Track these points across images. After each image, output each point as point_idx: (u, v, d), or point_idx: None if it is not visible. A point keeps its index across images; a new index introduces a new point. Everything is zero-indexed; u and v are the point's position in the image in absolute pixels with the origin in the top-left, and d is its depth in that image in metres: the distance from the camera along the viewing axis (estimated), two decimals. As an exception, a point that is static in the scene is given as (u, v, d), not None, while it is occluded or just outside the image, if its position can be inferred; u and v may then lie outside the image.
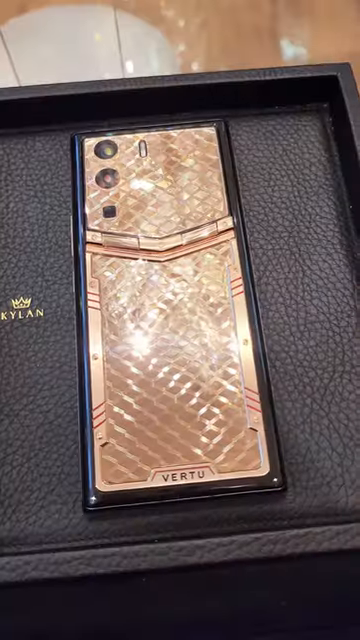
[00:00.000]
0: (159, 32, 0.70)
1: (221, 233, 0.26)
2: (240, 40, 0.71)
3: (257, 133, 0.30)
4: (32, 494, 0.24)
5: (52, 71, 0.60)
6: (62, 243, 0.28)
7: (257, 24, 0.72)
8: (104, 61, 0.64)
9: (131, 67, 0.60)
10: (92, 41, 0.66)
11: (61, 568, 0.21)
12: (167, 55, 0.68)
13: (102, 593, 0.22)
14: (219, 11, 0.72)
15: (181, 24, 0.75)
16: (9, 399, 0.25)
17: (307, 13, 0.74)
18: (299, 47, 0.72)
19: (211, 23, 0.71)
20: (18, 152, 0.30)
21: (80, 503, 0.24)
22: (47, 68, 0.60)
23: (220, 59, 0.71)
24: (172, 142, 0.28)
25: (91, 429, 0.24)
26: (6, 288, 0.27)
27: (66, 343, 0.26)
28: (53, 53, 0.63)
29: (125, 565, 0.21)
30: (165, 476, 0.23)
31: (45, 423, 0.25)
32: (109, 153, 0.28)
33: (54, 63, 0.62)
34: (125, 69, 0.61)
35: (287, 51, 0.71)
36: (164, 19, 0.74)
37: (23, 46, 0.57)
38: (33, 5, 0.71)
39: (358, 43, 0.74)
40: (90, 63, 0.64)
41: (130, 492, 0.23)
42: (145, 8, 0.73)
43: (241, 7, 0.72)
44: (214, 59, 0.70)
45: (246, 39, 0.71)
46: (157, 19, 0.73)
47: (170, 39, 0.72)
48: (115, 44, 0.63)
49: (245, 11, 0.72)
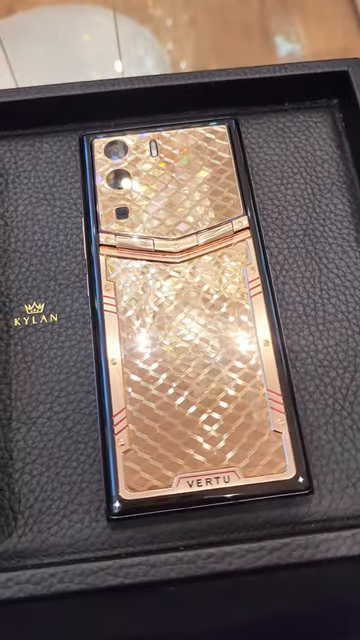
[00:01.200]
0: (148, 31, 0.70)
1: (237, 233, 0.26)
2: (229, 38, 0.71)
3: (268, 130, 0.30)
4: (53, 504, 0.23)
5: (42, 71, 0.60)
6: (74, 246, 0.27)
7: (246, 21, 0.72)
8: (93, 61, 0.64)
9: (120, 66, 0.59)
10: (81, 41, 0.66)
11: (88, 579, 0.21)
12: (156, 54, 0.67)
13: (129, 604, 0.21)
14: (208, 9, 0.71)
15: (169, 23, 0.74)
16: (25, 407, 0.25)
17: (296, 10, 0.74)
18: (290, 44, 0.71)
19: (200, 21, 0.70)
20: (25, 154, 0.29)
21: (103, 512, 0.23)
22: (37, 68, 0.60)
23: (210, 57, 0.71)
24: (183, 141, 0.28)
25: (112, 436, 0.23)
26: (18, 293, 0.26)
27: (82, 348, 0.26)
28: (43, 53, 0.62)
29: (153, 574, 0.21)
30: (190, 482, 0.22)
31: (64, 430, 0.24)
32: (119, 153, 0.28)
33: (44, 63, 0.61)
34: (114, 68, 0.60)
35: (278, 48, 0.70)
36: (152, 18, 0.74)
37: (12, 47, 0.57)
38: (21, 6, 0.70)
39: (348, 39, 0.74)
40: (79, 63, 0.63)
41: (155, 499, 0.22)
42: (133, 7, 0.72)
43: (230, 4, 0.71)
44: (203, 57, 0.70)
45: (235, 37, 0.71)
46: (145, 18, 0.73)
47: (158, 38, 0.72)
48: (103, 44, 0.63)
49: (234, 8, 0.72)
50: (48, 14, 0.69)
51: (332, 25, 0.74)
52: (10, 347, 0.25)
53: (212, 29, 0.72)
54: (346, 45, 0.75)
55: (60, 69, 0.61)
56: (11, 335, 0.26)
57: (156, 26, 0.75)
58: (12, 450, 0.24)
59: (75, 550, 0.23)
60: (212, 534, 0.23)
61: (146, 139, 0.28)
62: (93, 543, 0.23)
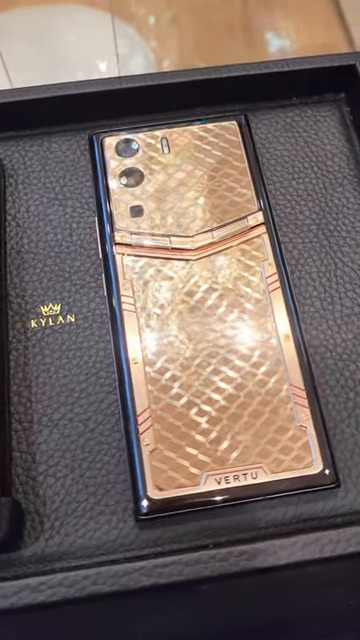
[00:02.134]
0: (132, 29, 0.69)
1: (252, 228, 0.26)
2: (212, 36, 0.70)
3: (276, 126, 0.30)
4: (79, 506, 0.23)
5: (26, 72, 0.59)
6: (87, 246, 0.27)
7: (229, 20, 0.72)
8: (78, 60, 0.63)
9: (105, 66, 0.59)
10: (65, 41, 0.65)
11: (121, 581, 0.20)
12: (142, 52, 0.67)
13: (161, 604, 0.21)
14: (190, 7, 0.71)
15: (152, 21, 0.74)
16: (46, 409, 0.24)
17: (279, 7, 0.74)
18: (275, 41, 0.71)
19: (182, 20, 0.70)
20: (34, 154, 0.29)
21: (130, 512, 0.23)
22: (21, 69, 0.59)
23: (193, 55, 0.70)
24: (194, 138, 0.28)
25: (137, 435, 0.23)
26: (34, 294, 0.26)
27: (100, 348, 0.25)
28: (26, 54, 0.62)
29: (187, 573, 0.20)
30: (218, 479, 0.22)
31: (86, 432, 0.24)
32: (130, 151, 0.27)
33: (27, 64, 0.61)
34: (100, 68, 0.60)
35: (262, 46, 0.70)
36: (134, 16, 0.73)
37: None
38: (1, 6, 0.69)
39: (331, 35, 0.74)
40: (64, 63, 0.63)
41: (183, 498, 0.22)
42: (115, 6, 0.72)
43: (212, 3, 0.71)
44: (187, 56, 0.70)
45: (218, 35, 0.71)
46: (128, 17, 0.72)
47: (142, 36, 0.71)
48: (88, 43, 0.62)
49: (216, 7, 0.72)
50: (29, 14, 0.68)
51: (314, 22, 0.74)
52: (28, 349, 0.25)
53: (195, 27, 0.72)
54: (329, 41, 0.75)
55: (44, 70, 0.60)
56: (28, 337, 0.25)
57: (138, 25, 0.75)
58: (35, 453, 0.24)
59: (103, 552, 0.23)
60: (240, 531, 0.23)
61: (157, 137, 0.28)
62: (121, 544, 0.23)
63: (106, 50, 0.63)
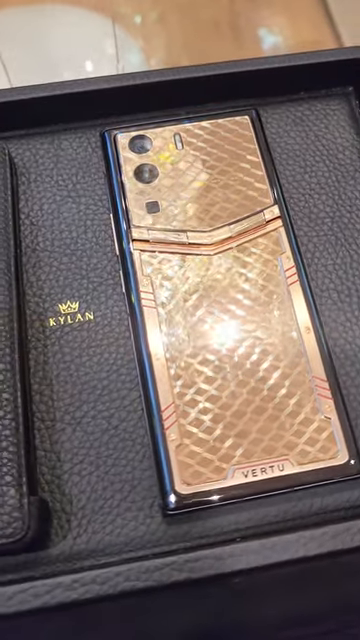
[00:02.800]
0: (121, 28, 0.69)
1: (269, 222, 0.26)
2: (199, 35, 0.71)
3: (287, 120, 0.30)
4: (105, 503, 0.23)
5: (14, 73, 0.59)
6: (103, 243, 0.27)
7: (216, 18, 0.72)
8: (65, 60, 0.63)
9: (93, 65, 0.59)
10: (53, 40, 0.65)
11: (154, 576, 0.20)
12: (131, 51, 0.67)
13: (195, 598, 0.21)
14: (177, 6, 0.71)
15: (138, 20, 0.74)
16: (68, 407, 0.24)
17: (265, 5, 0.75)
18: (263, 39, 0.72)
19: (169, 18, 0.70)
20: (45, 152, 0.29)
21: (157, 508, 0.23)
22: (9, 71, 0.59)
23: (181, 54, 0.70)
24: (207, 133, 0.28)
25: (162, 431, 0.23)
26: (51, 293, 0.26)
27: (120, 345, 0.25)
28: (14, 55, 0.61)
29: (219, 567, 0.20)
30: (245, 472, 0.22)
31: (109, 429, 0.24)
32: (144, 148, 0.27)
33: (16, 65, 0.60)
34: (87, 68, 0.60)
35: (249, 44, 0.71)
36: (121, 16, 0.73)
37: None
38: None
39: (318, 31, 0.75)
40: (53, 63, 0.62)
41: (211, 492, 0.22)
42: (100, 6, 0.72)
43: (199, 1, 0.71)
44: (175, 55, 0.70)
45: (205, 33, 0.71)
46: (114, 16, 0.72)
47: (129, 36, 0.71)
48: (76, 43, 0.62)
49: (203, 5, 0.72)
50: (16, 15, 0.68)
51: (301, 19, 0.75)
52: (47, 348, 0.25)
53: (182, 26, 0.72)
54: (317, 37, 0.76)
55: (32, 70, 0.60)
56: (47, 336, 0.25)
57: (125, 24, 0.75)
58: (59, 452, 0.24)
59: (132, 548, 0.22)
60: (267, 524, 0.23)
61: (170, 132, 0.28)
62: (149, 540, 0.23)
63: (95, 49, 0.63)
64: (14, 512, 0.21)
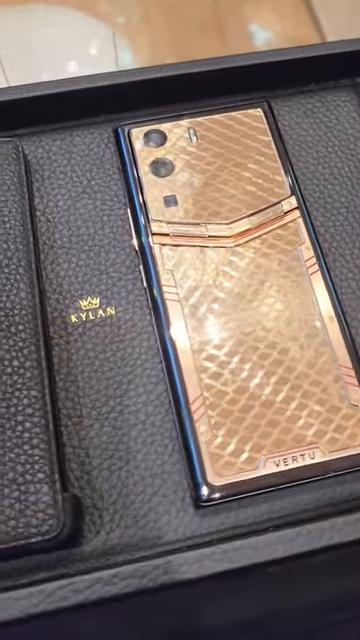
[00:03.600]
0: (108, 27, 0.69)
1: (287, 213, 0.26)
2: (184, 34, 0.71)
3: (298, 112, 0.30)
4: (137, 497, 0.23)
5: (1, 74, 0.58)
6: (120, 238, 0.27)
7: (201, 17, 0.73)
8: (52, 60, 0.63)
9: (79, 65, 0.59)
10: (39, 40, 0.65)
11: (193, 568, 0.20)
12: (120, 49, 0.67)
13: (233, 588, 0.21)
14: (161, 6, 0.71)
15: (122, 20, 0.74)
16: (95, 402, 0.24)
17: (250, 3, 0.75)
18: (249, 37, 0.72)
19: (154, 18, 0.70)
20: (58, 149, 0.28)
21: (189, 500, 0.23)
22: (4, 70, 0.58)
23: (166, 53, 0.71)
24: (221, 126, 0.28)
25: (192, 424, 0.23)
26: (71, 289, 0.26)
27: (144, 340, 0.25)
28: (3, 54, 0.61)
29: (257, 557, 0.21)
30: (277, 462, 0.22)
31: (137, 423, 0.24)
32: (158, 142, 0.27)
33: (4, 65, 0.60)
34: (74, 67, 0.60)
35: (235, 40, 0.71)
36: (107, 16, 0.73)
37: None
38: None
39: (303, 28, 0.75)
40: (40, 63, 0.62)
41: (243, 482, 0.22)
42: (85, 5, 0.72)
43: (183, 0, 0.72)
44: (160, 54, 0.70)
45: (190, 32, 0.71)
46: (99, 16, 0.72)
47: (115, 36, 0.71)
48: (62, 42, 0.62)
49: (187, 4, 0.72)
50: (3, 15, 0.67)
51: (286, 16, 0.75)
52: (70, 344, 0.25)
53: (167, 26, 0.72)
54: (301, 34, 0.76)
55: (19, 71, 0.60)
56: (69, 332, 0.25)
57: (111, 25, 0.74)
58: (88, 448, 0.23)
59: (165, 542, 0.22)
60: (299, 512, 0.23)
61: (183, 126, 0.28)
62: (183, 533, 0.22)
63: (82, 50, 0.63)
64: (48, 509, 0.21)
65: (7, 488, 0.21)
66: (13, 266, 0.24)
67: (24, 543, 0.20)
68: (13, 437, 0.22)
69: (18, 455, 0.21)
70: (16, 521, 0.21)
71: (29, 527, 0.21)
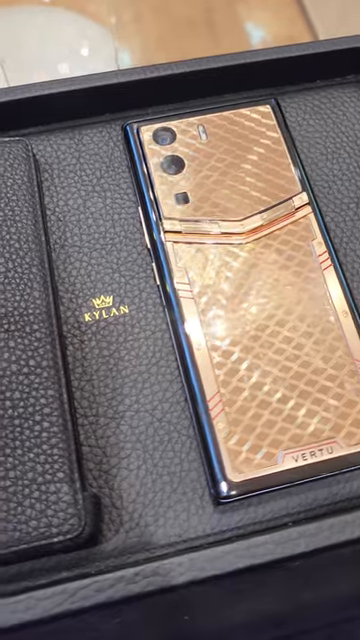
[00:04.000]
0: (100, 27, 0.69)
1: (298, 209, 0.26)
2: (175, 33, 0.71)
3: (305, 108, 0.30)
4: (155, 496, 0.23)
5: None
6: (132, 236, 0.27)
7: (191, 16, 0.73)
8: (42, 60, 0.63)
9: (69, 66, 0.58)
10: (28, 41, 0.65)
11: (216, 565, 0.20)
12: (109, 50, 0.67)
13: (255, 584, 0.21)
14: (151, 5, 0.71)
15: (112, 20, 0.74)
16: (111, 401, 0.24)
17: (241, 2, 0.75)
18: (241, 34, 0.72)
19: (145, 18, 0.70)
20: (67, 148, 0.28)
21: (207, 498, 0.23)
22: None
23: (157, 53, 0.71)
24: (230, 123, 0.28)
25: (210, 421, 0.23)
26: (84, 288, 0.26)
27: (158, 338, 0.25)
28: None
29: (280, 552, 0.21)
30: (295, 457, 0.22)
31: (154, 421, 0.24)
32: (168, 140, 0.27)
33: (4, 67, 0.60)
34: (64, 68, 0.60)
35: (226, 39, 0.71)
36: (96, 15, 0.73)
37: None
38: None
39: (294, 27, 0.76)
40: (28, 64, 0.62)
41: (263, 478, 0.22)
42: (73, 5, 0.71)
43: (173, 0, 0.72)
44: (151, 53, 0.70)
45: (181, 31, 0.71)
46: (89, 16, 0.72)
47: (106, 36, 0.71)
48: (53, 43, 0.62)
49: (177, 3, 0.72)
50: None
51: (277, 15, 0.76)
52: (84, 343, 0.25)
53: (157, 25, 0.72)
54: (292, 33, 0.76)
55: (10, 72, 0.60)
56: (83, 331, 0.25)
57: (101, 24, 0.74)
58: (104, 447, 0.23)
59: (185, 539, 0.22)
60: (318, 507, 0.23)
61: (193, 124, 0.28)
62: (203, 530, 0.22)
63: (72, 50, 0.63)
64: (69, 508, 0.21)
65: (27, 488, 0.21)
66: (26, 265, 0.24)
67: (46, 543, 0.20)
68: (32, 437, 0.22)
69: (37, 455, 0.21)
70: (37, 521, 0.20)
71: (50, 527, 0.20)
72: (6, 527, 0.20)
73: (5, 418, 0.22)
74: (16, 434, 0.22)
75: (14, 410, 0.22)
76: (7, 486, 0.21)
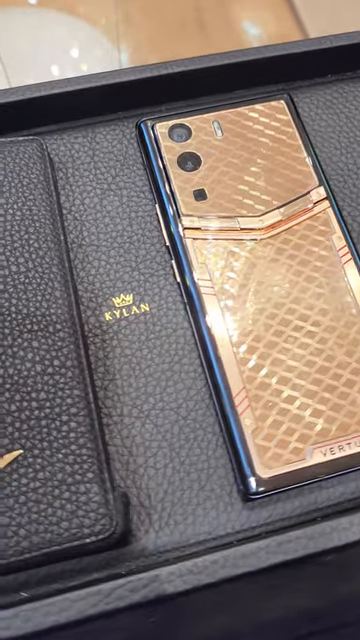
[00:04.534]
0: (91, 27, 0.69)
1: (316, 203, 0.26)
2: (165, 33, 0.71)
3: (317, 103, 0.30)
4: (184, 494, 0.23)
5: None
6: (149, 234, 0.27)
7: (182, 16, 0.73)
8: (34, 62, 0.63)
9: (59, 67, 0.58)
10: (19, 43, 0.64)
11: (250, 561, 0.20)
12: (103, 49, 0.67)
13: (289, 580, 0.21)
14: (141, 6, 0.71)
15: (103, 21, 0.74)
16: (135, 400, 0.24)
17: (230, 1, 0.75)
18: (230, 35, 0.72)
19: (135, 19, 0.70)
20: (80, 146, 0.28)
21: (236, 494, 0.23)
22: None
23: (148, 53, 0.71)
24: (244, 119, 0.28)
25: (236, 417, 0.23)
26: (103, 287, 0.26)
27: (180, 335, 0.25)
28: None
29: (313, 546, 0.20)
30: (324, 451, 0.22)
31: (179, 419, 0.24)
32: (184, 136, 0.27)
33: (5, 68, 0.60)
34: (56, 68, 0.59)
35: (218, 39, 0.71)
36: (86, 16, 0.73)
37: None
38: None
39: (283, 25, 0.76)
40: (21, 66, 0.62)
41: (292, 473, 0.22)
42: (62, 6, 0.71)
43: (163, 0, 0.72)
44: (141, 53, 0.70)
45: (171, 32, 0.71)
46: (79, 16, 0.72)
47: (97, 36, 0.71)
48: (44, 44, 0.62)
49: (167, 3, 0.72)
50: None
51: (267, 14, 0.76)
52: (106, 342, 0.25)
53: (148, 26, 0.72)
54: (283, 31, 0.77)
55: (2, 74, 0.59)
56: (104, 330, 0.25)
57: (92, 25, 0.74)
58: (130, 446, 0.23)
59: (215, 537, 0.22)
60: (345, 501, 0.23)
61: (208, 120, 0.28)
62: (232, 527, 0.22)
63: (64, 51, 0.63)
64: (100, 508, 0.21)
65: (57, 489, 0.21)
66: (46, 265, 0.24)
67: (78, 544, 0.20)
68: (59, 437, 0.21)
69: (66, 455, 0.21)
70: (69, 522, 0.20)
71: (82, 528, 0.20)
72: (37, 529, 0.20)
73: (32, 419, 0.22)
74: (43, 435, 0.21)
75: (40, 411, 0.22)
76: (37, 487, 0.21)
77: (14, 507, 0.20)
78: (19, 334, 0.23)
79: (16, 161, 0.26)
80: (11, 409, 0.22)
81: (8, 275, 0.24)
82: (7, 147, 0.26)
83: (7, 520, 0.20)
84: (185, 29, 0.73)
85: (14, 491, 0.21)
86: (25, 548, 0.20)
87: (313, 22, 0.70)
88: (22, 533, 0.20)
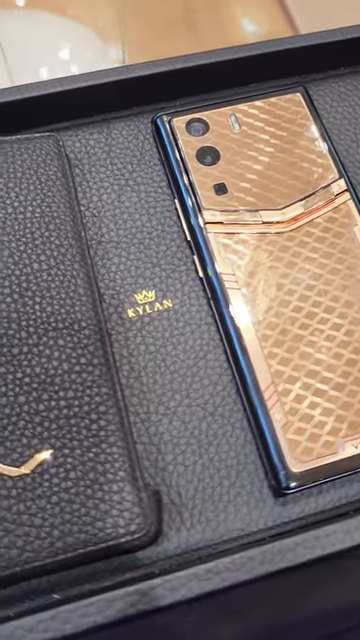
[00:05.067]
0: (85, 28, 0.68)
1: (337, 196, 0.26)
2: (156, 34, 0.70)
3: (332, 96, 0.30)
4: (214, 491, 0.22)
5: None
6: (169, 229, 0.26)
7: (171, 17, 0.72)
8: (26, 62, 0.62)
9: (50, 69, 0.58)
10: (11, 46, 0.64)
11: (287, 557, 0.20)
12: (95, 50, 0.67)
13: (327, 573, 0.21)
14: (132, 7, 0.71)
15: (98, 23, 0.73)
16: (161, 397, 0.24)
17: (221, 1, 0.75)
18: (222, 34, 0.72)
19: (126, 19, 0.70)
20: (96, 142, 0.28)
21: (266, 490, 0.22)
22: None
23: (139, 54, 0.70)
24: (262, 112, 0.27)
25: (266, 412, 0.22)
26: (125, 284, 0.25)
27: (204, 331, 0.25)
28: None
29: (351, 540, 0.20)
30: (355, 444, 0.22)
31: (206, 416, 0.23)
32: (201, 130, 0.27)
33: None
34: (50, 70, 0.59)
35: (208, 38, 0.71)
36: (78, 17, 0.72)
37: None
38: None
39: (275, 24, 0.76)
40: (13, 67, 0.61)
41: (324, 467, 0.22)
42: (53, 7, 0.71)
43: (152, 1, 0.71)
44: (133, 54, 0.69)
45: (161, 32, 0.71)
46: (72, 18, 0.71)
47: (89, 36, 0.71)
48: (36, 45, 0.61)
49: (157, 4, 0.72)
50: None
51: (258, 13, 0.76)
52: (130, 339, 0.24)
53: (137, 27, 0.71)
54: (274, 30, 0.76)
55: None
56: (128, 327, 0.25)
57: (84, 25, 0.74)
58: (159, 444, 0.23)
59: (248, 533, 0.22)
60: (377, 494, 0.23)
61: (225, 114, 0.27)
62: (265, 523, 0.22)
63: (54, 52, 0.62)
64: (134, 508, 0.20)
65: (89, 489, 0.20)
66: (68, 262, 0.24)
67: (114, 544, 0.20)
68: (89, 436, 0.21)
69: (97, 454, 0.21)
70: (103, 522, 0.20)
71: (117, 527, 0.20)
72: (71, 529, 0.20)
73: (61, 418, 0.21)
74: (73, 434, 0.21)
75: (69, 409, 0.21)
76: (69, 487, 0.20)
77: (46, 508, 0.20)
78: (44, 332, 0.22)
79: (33, 158, 0.26)
80: (39, 408, 0.21)
81: (30, 273, 0.23)
82: (23, 144, 0.26)
83: (40, 521, 0.20)
84: (175, 30, 0.72)
85: (46, 492, 0.20)
86: (60, 549, 0.20)
87: (305, 21, 0.70)
88: (56, 534, 0.20)
